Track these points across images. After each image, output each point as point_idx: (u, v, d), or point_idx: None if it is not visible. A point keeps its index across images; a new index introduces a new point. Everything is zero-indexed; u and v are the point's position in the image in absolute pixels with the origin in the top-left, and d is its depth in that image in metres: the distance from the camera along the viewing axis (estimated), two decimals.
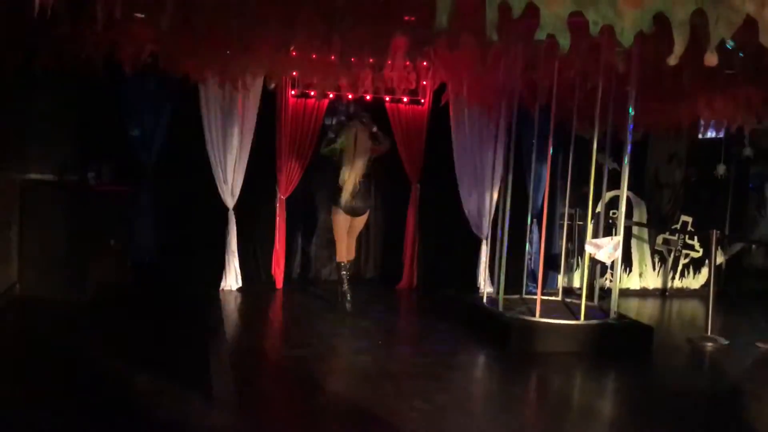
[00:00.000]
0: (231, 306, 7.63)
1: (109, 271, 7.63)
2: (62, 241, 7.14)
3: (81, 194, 7.28)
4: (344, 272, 7.43)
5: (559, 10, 2.94)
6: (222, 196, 8.01)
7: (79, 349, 5.58)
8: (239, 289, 8.12)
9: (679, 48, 2.99)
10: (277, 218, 8.35)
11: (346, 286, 7.38)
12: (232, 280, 8.14)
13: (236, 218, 8.09)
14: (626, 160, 6.44)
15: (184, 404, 4.47)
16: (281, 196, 8.32)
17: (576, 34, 3.14)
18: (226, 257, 8.11)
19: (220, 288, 8.09)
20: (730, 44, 4.50)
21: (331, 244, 8.32)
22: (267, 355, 6.15)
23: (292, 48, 6.12)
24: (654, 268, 9.75)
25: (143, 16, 4.98)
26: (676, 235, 9.67)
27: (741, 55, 5.03)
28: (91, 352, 5.52)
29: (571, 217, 8.70)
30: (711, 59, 2.99)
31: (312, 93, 8.06)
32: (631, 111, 6.32)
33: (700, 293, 9.38)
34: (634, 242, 9.65)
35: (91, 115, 7.70)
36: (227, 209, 8.04)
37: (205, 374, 5.17)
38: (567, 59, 5.76)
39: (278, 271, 8.42)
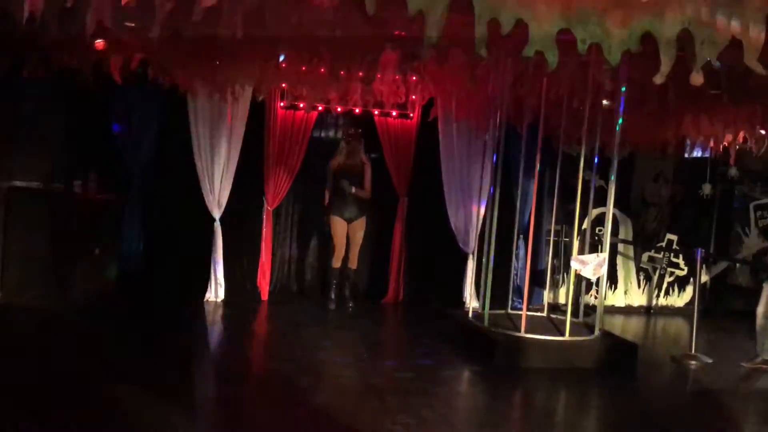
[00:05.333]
0: (215, 317, 7.60)
1: (94, 279, 7.57)
2: (46, 249, 7.08)
3: (66, 202, 7.24)
4: (335, 279, 8.05)
5: (548, 27, 2.97)
6: (209, 206, 7.98)
7: (59, 358, 5.52)
8: (224, 301, 8.08)
9: (665, 67, 3.02)
10: (264, 230, 8.33)
11: (332, 292, 8.05)
12: (217, 291, 8.09)
13: (222, 229, 8.06)
14: (613, 177, 6.48)
15: (165, 417, 4.43)
16: (268, 208, 8.30)
17: (564, 51, 3.16)
18: (212, 268, 8.06)
19: (205, 299, 8.04)
20: (717, 64, 4.55)
21: (313, 254, 8.41)
22: (251, 367, 6.11)
23: (281, 60, 6.13)
24: (639, 286, 9.78)
25: (133, 25, 4.97)
26: (662, 253, 9.71)
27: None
28: (71, 361, 5.46)
29: (557, 234, 8.73)
30: (697, 79, 3.02)
31: (301, 105, 8.07)
32: (618, 129, 6.36)
33: (685, 311, 9.41)
34: (619, 259, 9.68)
35: (79, 124, 7.66)
36: (214, 220, 8.02)
37: (188, 386, 5.13)
38: (555, 76, 5.80)
39: (264, 283, 8.38)
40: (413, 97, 8.01)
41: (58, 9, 4.15)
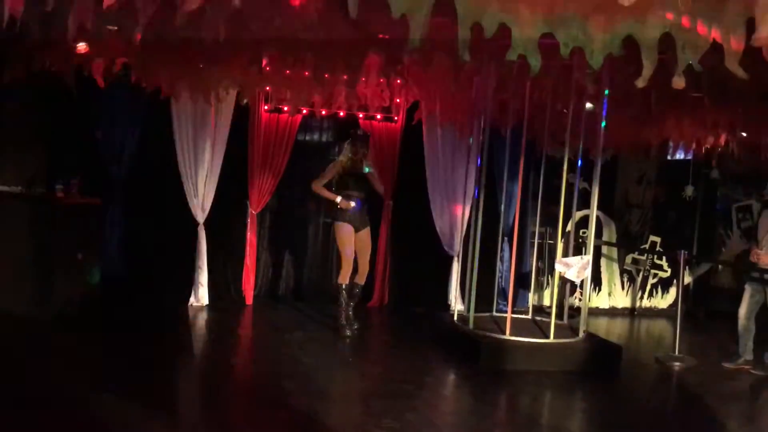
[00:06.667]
0: (200, 322, 7.55)
1: (76, 285, 7.49)
2: (28, 254, 7.01)
3: (48, 207, 7.17)
4: (344, 299, 7.26)
5: (531, 31, 2.98)
6: (192, 210, 7.94)
7: (41, 366, 5.47)
8: (208, 305, 8.03)
9: (647, 71, 3.04)
10: (248, 233, 8.29)
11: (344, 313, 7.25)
12: (201, 295, 8.04)
13: (207, 233, 8.02)
14: (596, 180, 6.50)
15: (148, 421, 4.40)
16: (252, 211, 8.27)
17: (547, 55, 3.18)
18: (196, 272, 8.02)
19: (189, 303, 7.99)
20: (698, 67, 4.59)
21: (298, 259, 8.46)
22: (235, 371, 6.08)
23: (265, 63, 6.12)
24: (623, 288, 9.84)
25: (115, 28, 4.94)
26: (645, 254, 9.77)
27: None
28: (54, 369, 5.41)
29: (541, 236, 8.75)
30: (678, 82, 3.04)
31: (285, 108, 8.05)
32: (602, 132, 6.40)
33: (668, 313, 9.48)
34: (603, 262, 9.73)
35: (61, 128, 7.59)
36: (198, 224, 7.97)
37: (171, 391, 5.10)
38: (538, 80, 5.83)
39: (248, 287, 8.34)
40: (398, 100, 8.03)
41: (39, 11, 4.12)
